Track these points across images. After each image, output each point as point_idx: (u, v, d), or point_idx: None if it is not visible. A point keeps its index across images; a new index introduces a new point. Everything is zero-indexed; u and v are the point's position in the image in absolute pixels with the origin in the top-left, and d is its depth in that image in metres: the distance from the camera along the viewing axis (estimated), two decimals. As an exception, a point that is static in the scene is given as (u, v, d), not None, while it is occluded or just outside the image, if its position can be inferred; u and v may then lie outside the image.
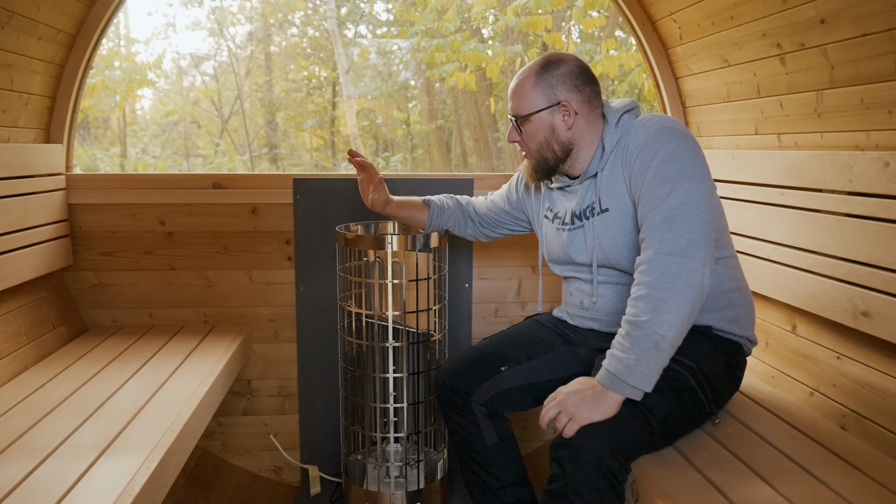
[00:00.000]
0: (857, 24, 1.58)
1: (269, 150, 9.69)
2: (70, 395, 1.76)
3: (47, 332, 2.19)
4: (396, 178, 2.45)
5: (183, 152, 9.80)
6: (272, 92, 9.46)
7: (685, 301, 1.35)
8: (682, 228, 1.38)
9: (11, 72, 2.03)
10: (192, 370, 1.97)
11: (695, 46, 2.28)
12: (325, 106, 9.25)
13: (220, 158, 8.90)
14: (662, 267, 1.37)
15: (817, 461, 1.42)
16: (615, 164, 1.62)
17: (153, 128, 9.60)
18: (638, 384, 1.36)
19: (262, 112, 9.49)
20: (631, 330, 1.37)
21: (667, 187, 1.44)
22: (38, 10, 2.03)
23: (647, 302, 1.36)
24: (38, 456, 1.42)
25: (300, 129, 9.39)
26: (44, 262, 2.19)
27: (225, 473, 2.51)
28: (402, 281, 2.06)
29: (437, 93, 7.72)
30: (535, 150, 1.69)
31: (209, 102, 9.17)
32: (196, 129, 9.69)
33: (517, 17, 4.69)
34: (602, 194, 1.64)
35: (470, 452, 1.80)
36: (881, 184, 1.54)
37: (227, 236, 2.45)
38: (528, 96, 1.66)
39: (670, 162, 1.48)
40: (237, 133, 9.59)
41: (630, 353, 1.36)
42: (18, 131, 2.15)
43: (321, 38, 8.98)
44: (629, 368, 1.35)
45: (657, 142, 1.52)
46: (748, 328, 1.67)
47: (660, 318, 1.34)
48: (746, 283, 1.71)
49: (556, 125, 1.65)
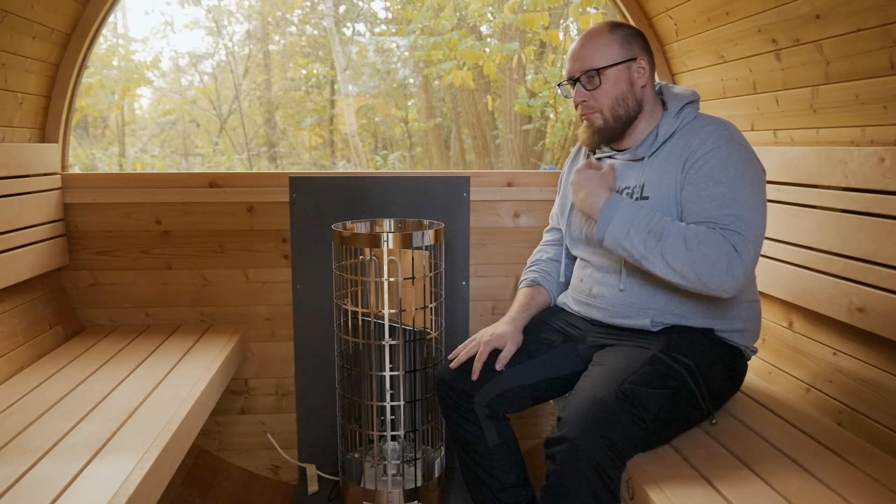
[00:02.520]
0: (851, 20, 1.57)
1: (269, 149, 9.69)
2: (66, 395, 1.76)
3: (43, 331, 2.19)
4: (393, 175, 2.44)
5: (182, 151, 9.79)
6: (271, 90, 9.45)
7: (698, 277, 1.44)
8: (750, 240, 1.46)
9: (6, 71, 2.02)
10: (189, 369, 1.97)
11: (690, 43, 2.28)
12: (323, 104, 9.24)
13: (218, 157, 8.90)
14: (725, 248, 1.44)
15: (813, 457, 1.42)
16: (670, 156, 1.61)
17: (152, 127, 9.59)
18: (616, 221, 1.50)
19: (261, 111, 9.49)
20: (666, 224, 1.47)
21: (731, 210, 1.48)
22: (32, 9, 2.02)
23: (690, 243, 1.44)
24: (33, 456, 1.42)
25: (299, 127, 9.39)
26: (40, 262, 2.19)
27: (223, 472, 2.51)
28: (399, 279, 2.06)
29: (435, 91, 7.72)
30: (609, 107, 1.65)
31: (207, 101, 9.16)
32: (195, 128, 9.69)
33: (514, 14, 4.68)
34: (646, 180, 1.62)
35: (471, 453, 1.79)
36: (876, 179, 1.54)
37: (223, 235, 2.44)
38: (604, 49, 1.63)
39: (735, 188, 1.50)
40: (235, 132, 9.58)
41: (643, 214, 1.49)
42: (13, 131, 2.15)
43: (319, 37, 8.97)
44: (629, 213, 1.49)
45: (729, 156, 1.53)
46: (751, 339, 1.67)
47: (667, 253, 1.45)
48: (759, 298, 1.71)
49: (633, 79, 1.65)
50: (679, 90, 1.69)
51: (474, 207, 2.49)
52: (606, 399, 1.38)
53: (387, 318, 2.09)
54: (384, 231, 2.28)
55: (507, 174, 2.51)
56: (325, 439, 2.50)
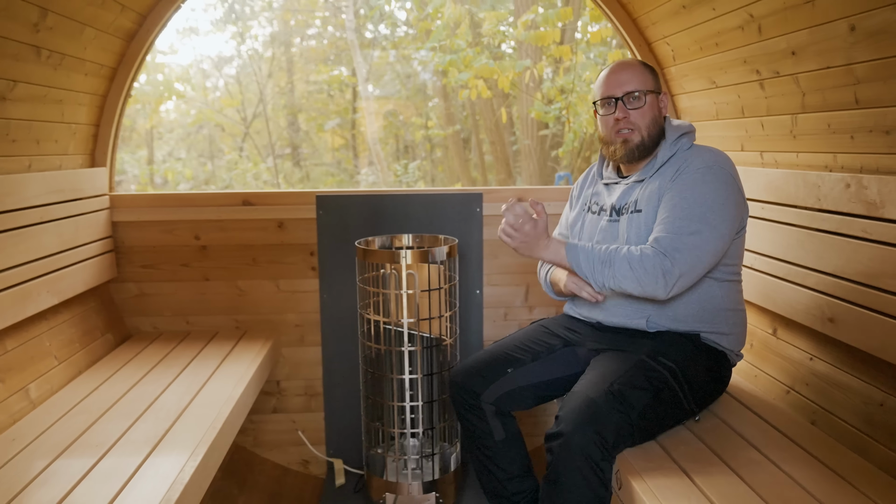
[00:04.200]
0: (821, 58, 1.74)
1: (292, 151, 9.95)
2: (122, 397, 1.99)
3: (96, 339, 2.43)
4: (411, 193, 2.65)
5: (208, 154, 10.10)
6: (294, 94, 9.70)
7: (639, 288, 1.68)
8: (686, 252, 1.66)
9: (62, 106, 2.26)
10: (228, 373, 2.19)
11: (686, 68, 2.45)
12: (345, 106, 9.47)
13: (244, 163, 9.15)
14: (658, 260, 1.66)
15: (783, 453, 1.59)
16: (663, 176, 1.81)
17: (178, 130, 9.89)
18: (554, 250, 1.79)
19: (284, 113, 9.74)
20: (612, 253, 1.71)
21: (688, 224, 1.68)
22: (85, 49, 2.25)
23: (631, 264, 1.68)
24: (100, 450, 1.64)
25: (321, 129, 9.62)
26: (92, 276, 2.43)
27: (257, 466, 2.73)
28: (416, 291, 2.26)
29: (454, 97, 7.91)
30: (646, 126, 1.84)
31: (233, 110, 9.42)
32: (220, 132, 9.98)
33: (527, 30, 4.86)
34: (641, 197, 1.83)
35: (480, 447, 1.99)
36: (843, 202, 1.71)
37: (256, 249, 2.66)
38: (642, 77, 1.85)
39: (701, 203, 1.70)
40: (260, 135, 9.85)
41: (592, 253, 1.74)
42: (69, 158, 2.39)
43: (341, 41, 9.18)
44: (577, 250, 1.75)
45: (703, 177, 1.73)
46: (735, 344, 1.85)
47: (617, 276, 1.70)
48: (745, 308, 1.89)
49: (660, 108, 1.88)
50: (677, 122, 1.89)
51: (487, 221, 2.68)
52: (597, 398, 1.57)
53: (406, 326, 2.29)
54: (403, 246, 2.48)
55: (517, 190, 2.70)
56: (350, 436, 2.71)
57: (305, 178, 9.74)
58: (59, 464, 1.57)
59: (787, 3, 1.76)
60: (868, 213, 1.63)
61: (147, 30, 2.51)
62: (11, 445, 1.67)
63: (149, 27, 2.51)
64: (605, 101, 1.87)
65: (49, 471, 1.54)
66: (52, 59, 2.07)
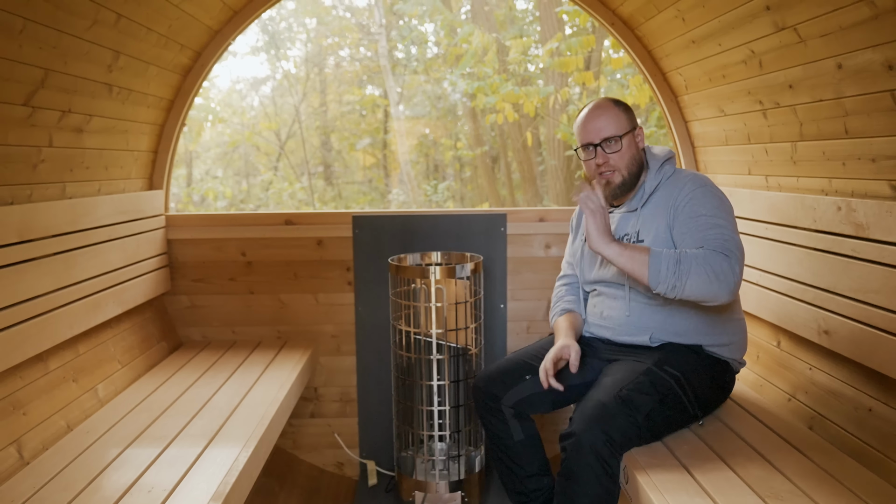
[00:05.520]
0: (814, 91, 1.90)
1: (325, 169, 10.27)
2: (179, 397, 2.21)
3: (152, 346, 2.66)
4: (440, 214, 2.85)
5: (243, 172, 10.47)
6: (327, 114, 10.03)
7: (711, 288, 1.72)
8: (735, 261, 1.77)
9: (127, 136, 2.51)
10: (272, 378, 2.40)
11: (698, 97, 2.62)
12: (377, 126, 9.76)
13: (280, 182, 9.45)
14: (718, 259, 1.74)
15: (779, 453, 1.74)
16: (658, 206, 1.97)
17: (215, 150, 10.27)
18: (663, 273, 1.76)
19: (318, 132, 10.07)
20: (682, 255, 1.76)
21: (715, 231, 1.82)
22: (149, 85, 2.51)
23: (698, 262, 1.73)
24: (164, 442, 1.86)
25: (353, 148, 9.92)
26: (150, 289, 2.67)
27: (296, 467, 2.93)
28: (444, 304, 2.46)
29: (482, 119, 8.15)
30: (626, 166, 2.00)
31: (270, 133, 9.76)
32: (255, 151, 10.35)
33: (551, 58, 5.07)
34: (641, 227, 1.99)
35: (501, 446, 2.17)
36: (835, 224, 1.86)
37: (297, 265, 2.89)
38: (618, 120, 1.99)
39: (714, 214, 1.86)
40: (294, 154, 10.19)
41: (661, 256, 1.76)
42: (131, 182, 2.64)
43: (372, 63, 9.48)
44: (658, 271, 1.75)
45: (703, 194, 1.91)
46: (737, 353, 2.00)
47: (689, 277, 1.72)
48: (743, 315, 2.05)
49: (638, 145, 2.03)
50: (657, 150, 2.06)
51: (510, 240, 2.87)
52: (607, 402, 1.74)
53: (434, 336, 2.48)
54: (432, 262, 2.68)
55: (538, 211, 2.89)
56: (382, 439, 2.90)
57: (338, 196, 10.05)
58: (130, 452, 1.79)
59: (782, 42, 1.93)
60: (857, 233, 1.79)
61: (201, 65, 2.76)
62: (87, 437, 1.90)
63: (203, 62, 2.76)
64: (585, 148, 2.03)
65: (121, 458, 1.76)
66: (121, 95, 2.32)
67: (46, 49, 1.84)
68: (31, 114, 1.89)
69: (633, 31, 2.79)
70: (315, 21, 9.87)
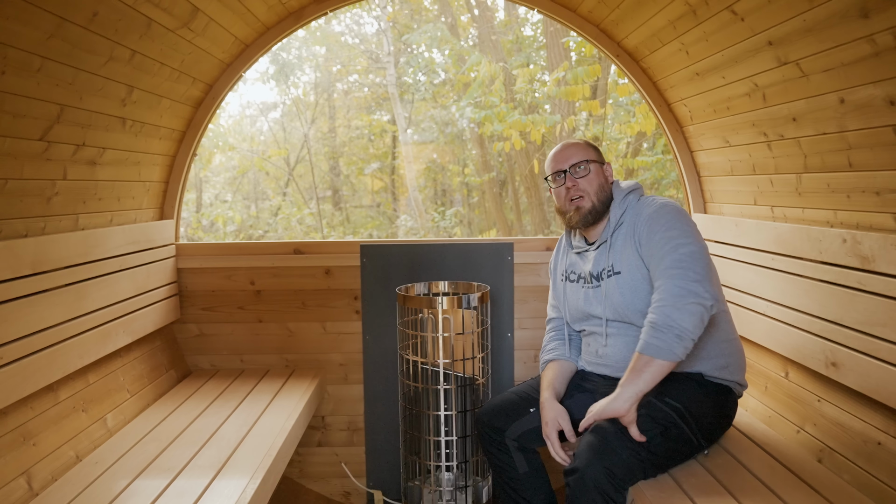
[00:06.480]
0: (818, 125, 1.92)
1: (333, 194, 10.34)
2: (187, 427, 2.22)
3: (161, 374, 2.68)
4: (448, 243, 2.87)
5: (252, 197, 10.56)
6: (336, 139, 10.13)
7: (696, 312, 1.73)
8: (690, 271, 1.79)
9: (140, 167, 2.55)
10: (280, 407, 2.41)
11: (703, 127, 2.64)
12: (385, 150, 9.85)
13: (288, 207, 9.52)
14: (677, 291, 1.76)
15: (788, 488, 1.74)
16: (626, 235, 2.01)
17: (224, 174, 10.37)
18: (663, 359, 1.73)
19: (326, 158, 10.16)
20: (656, 325, 1.75)
21: (671, 245, 1.85)
22: (161, 117, 2.55)
23: (665, 309, 1.74)
24: (172, 473, 1.86)
25: (361, 172, 10.00)
26: (159, 317, 2.69)
27: (303, 497, 2.93)
28: (451, 334, 2.47)
29: (490, 146, 8.21)
30: (595, 192, 2.07)
31: (279, 158, 9.85)
32: (264, 176, 10.45)
33: (558, 87, 5.13)
34: (614, 260, 2.02)
35: (506, 479, 2.16)
36: (841, 256, 1.87)
37: (305, 294, 2.91)
38: (586, 150, 2.11)
39: (672, 228, 1.89)
40: (302, 178, 10.28)
41: (657, 339, 1.74)
42: (143, 212, 2.67)
43: (381, 88, 9.59)
44: (658, 348, 1.73)
45: (659, 215, 1.94)
46: (737, 374, 2.00)
47: (679, 317, 1.72)
48: (737, 335, 2.05)
49: (606, 176, 2.11)
50: (624, 184, 2.12)
51: (517, 269, 2.88)
52: (609, 437, 1.74)
53: (442, 366, 2.49)
54: (440, 292, 2.69)
55: (545, 240, 2.90)
56: (389, 469, 2.89)
57: (346, 220, 10.12)
58: (138, 483, 1.80)
59: (785, 76, 1.96)
60: (862, 266, 1.79)
61: (213, 97, 2.81)
62: (95, 468, 1.91)
63: (214, 94, 2.81)
64: (555, 176, 2.11)
65: (130, 489, 1.77)
66: (134, 128, 2.36)
67: (63, 85, 1.88)
68: (46, 148, 1.93)
69: (637, 62, 2.83)
70: (324, 49, 10.01)
